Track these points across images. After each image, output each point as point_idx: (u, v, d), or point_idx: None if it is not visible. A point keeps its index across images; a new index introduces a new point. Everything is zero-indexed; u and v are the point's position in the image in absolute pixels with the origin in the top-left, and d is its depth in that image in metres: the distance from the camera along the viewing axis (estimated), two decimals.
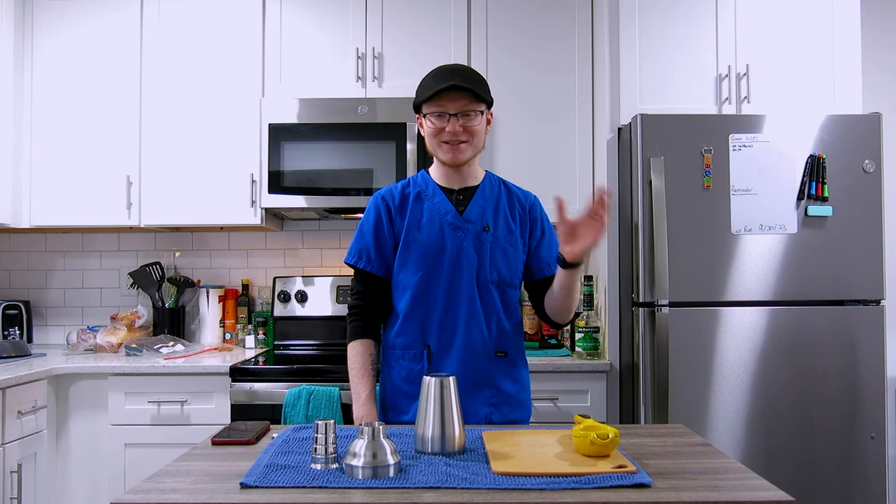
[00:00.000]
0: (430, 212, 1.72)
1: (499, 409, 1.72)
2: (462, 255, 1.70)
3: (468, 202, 1.74)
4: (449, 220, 1.72)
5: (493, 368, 1.72)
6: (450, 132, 1.65)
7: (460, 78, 1.65)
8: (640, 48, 2.64)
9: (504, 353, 1.74)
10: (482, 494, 1.14)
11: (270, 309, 3.15)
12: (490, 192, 1.77)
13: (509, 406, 1.73)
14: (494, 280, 1.72)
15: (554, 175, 2.87)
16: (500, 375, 1.73)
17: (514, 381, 1.76)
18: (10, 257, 3.29)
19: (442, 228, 1.71)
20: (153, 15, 2.93)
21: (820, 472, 2.40)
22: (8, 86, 2.87)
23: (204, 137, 2.91)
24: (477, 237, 1.72)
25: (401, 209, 1.74)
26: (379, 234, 1.75)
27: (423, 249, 1.70)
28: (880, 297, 2.44)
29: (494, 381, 1.72)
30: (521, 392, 1.77)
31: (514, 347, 1.77)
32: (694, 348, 2.41)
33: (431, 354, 1.71)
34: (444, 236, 1.70)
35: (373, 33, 2.90)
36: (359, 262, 1.76)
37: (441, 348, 1.71)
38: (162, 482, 1.22)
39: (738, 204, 2.43)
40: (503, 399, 1.73)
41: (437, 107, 1.65)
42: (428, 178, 1.78)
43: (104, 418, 2.56)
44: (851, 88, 2.63)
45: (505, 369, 1.74)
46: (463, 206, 1.74)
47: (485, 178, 1.79)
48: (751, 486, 1.19)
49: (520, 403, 1.76)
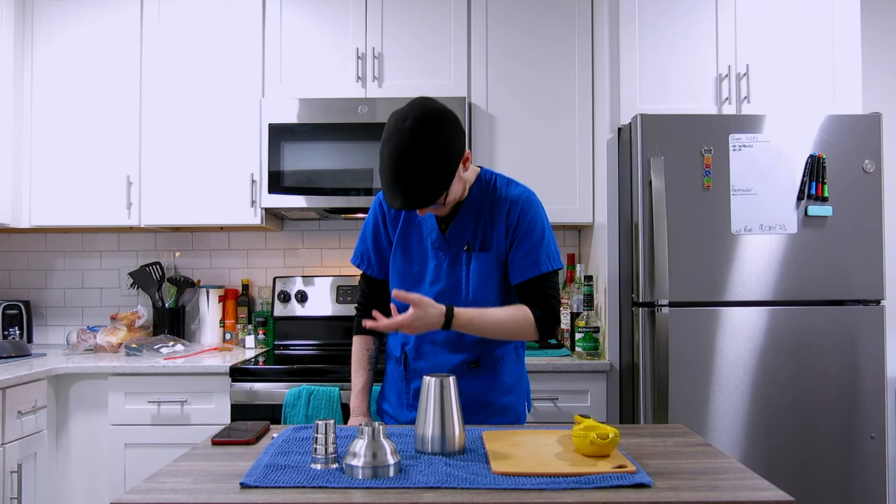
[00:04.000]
0: (417, 228, 1.75)
1: (476, 416, 1.71)
2: (441, 276, 1.72)
3: (452, 219, 1.71)
4: (433, 238, 1.73)
5: (465, 380, 1.67)
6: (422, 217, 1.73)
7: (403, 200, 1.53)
8: (640, 48, 2.64)
9: (476, 363, 1.72)
10: (482, 494, 1.14)
11: (270, 309, 3.15)
12: (477, 205, 1.71)
13: (486, 412, 1.72)
14: (469, 301, 1.69)
15: (554, 175, 2.87)
16: (472, 386, 1.70)
17: (491, 388, 1.73)
18: (10, 257, 3.29)
19: (425, 247, 1.74)
20: (153, 15, 2.93)
21: (820, 472, 2.40)
22: (8, 86, 2.87)
23: (204, 137, 2.91)
24: (456, 258, 1.71)
25: (394, 218, 1.77)
26: (377, 239, 1.81)
27: (406, 265, 1.75)
28: (880, 297, 2.44)
29: (467, 391, 1.67)
30: (501, 398, 1.74)
31: (493, 355, 1.74)
32: (694, 348, 2.41)
33: (408, 362, 1.76)
34: (427, 256, 1.73)
35: (373, 33, 2.90)
36: (360, 264, 1.83)
37: (415, 356, 1.75)
38: (162, 482, 1.22)
39: (738, 204, 2.43)
40: (480, 406, 1.72)
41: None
42: None
43: (104, 418, 2.56)
44: (851, 88, 2.63)
45: (480, 379, 1.72)
46: (447, 223, 1.72)
47: (473, 188, 1.72)
48: (751, 486, 1.19)
49: (501, 409, 1.74)
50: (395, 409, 1.80)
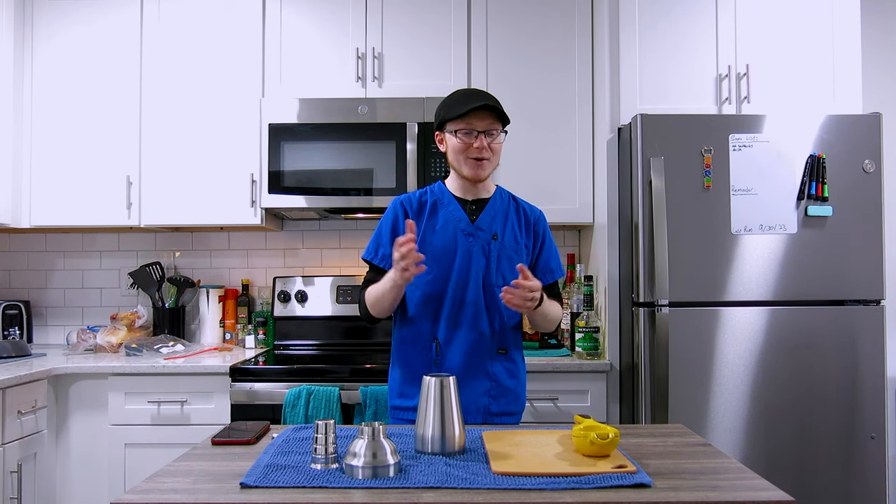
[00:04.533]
0: (444, 218, 1.87)
1: (497, 401, 1.86)
2: (472, 258, 1.85)
3: (480, 212, 1.89)
4: (462, 226, 1.86)
5: (495, 363, 1.86)
6: (477, 148, 1.80)
7: (487, 98, 1.79)
8: (640, 48, 2.64)
9: (505, 350, 1.88)
10: (482, 494, 1.14)
11: (270, 309, 3.15)
12: (500, 204, 1.91)
13: (506, 398, 1.87)
14: (499, 283, 1.83)
15: (554, 175, 2.87)
16: (499, 370, 1.87)
17: (511, 376, 1.89)
18: (10, 257, 3.29)
19: (455, 234, 1.85)
20: (153, 15, 2.93)
21: (820, 472, 2.40)
22: (8, 86, 2.87)
23: (204, 137, 2.91)
24: (486, 244, 1.86)
25: (417, 214, 1.89)
26: (395, 235, 1.86)
27: (436, 252, 1.84)
28: (880, 297, 2.44)
29: (495, 375, 1.86)
30: (517, 387, 1.91)
31: (514, 345, 1.92)
32: (694, 348, 2.41)
33: (440, 347, 1.84)
34: (457, 241, 1.85)
35: (373, 33, 2.90)
36: (374, 258, 1.89)
37: (448, 342, 1.84)
38: (162, 482, 1.22)
39: (738, 204, 2.43)
40: (501, 392, 1.87)
41: (465, 124, 1.79)
42: (444, 188, 1.92)
43: (104, 418, 2.56)
44: (851, 88, 2.63)
45: (505, 365, 1.88)
46: (475, 215, 1.88)
47: (496, 192, 1.94)
48: (751, 486, 1.20)
49: (516, 397, 1.90)
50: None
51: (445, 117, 1.82)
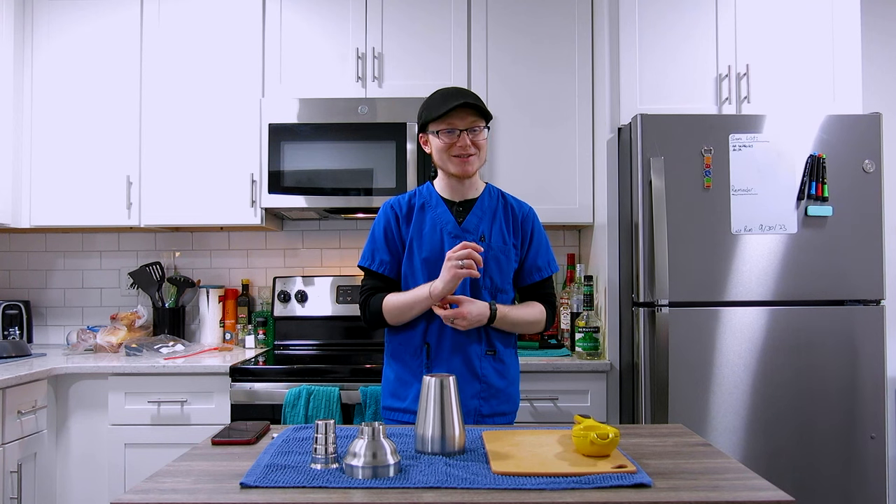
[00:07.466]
0: (432, 221, 1.87)
1: (487, 402, 1.85)
2: None
3: (467, 213, 1.89)
4: (449, 229, 1.86)
5: (484, 365, 1.85)
6: (460, 146, 1.80)
7: (467, 96, 1.80)
8: (640, 48, 2.64)
9: (493, 351, 1.87)
10: (482, 494, 1.14)
11: (270, 309, 3.15)
12: (488, 204, 1.91)
13: (497, 399, 1.87)
14: (487, 286, 1.85)
15: (554, 175, 2.87)
16: (489, 372, 1.86)
17: (501, 376, 1.88)
18: (10, 257, 3.29)
19: (442, 237, 1.85)
20: (153, 15, 2.93)
21: (820, 472, 2.40)
22: (8, 86, 2.87)
23: (204, 137, 2.91)
24: None
25: (407, 217, 1.89)
26: (389, 240, 1.89)
27: (424, 255, 1.84)
28: (880, 297, 2.44)
29: (484, 376, 1.85)
30: (508, 387, 1.90)
31: (503, 346, 1.90)
32: (694, 348, 2.41)
33: (431, 350, 1.84)
34: (444, 245, 1.83)
35: (373, 33, 2.90)
36: (371, 264, 1.90)
37: (437, 345, 1.84)
38: (162, 482, 1.22)
39: (738, 204, 2.43)
40: (492, 393, 1.86)
41: (446, 124, 1.80)
42: (432, 189, 1.93)
43: (104, 418, 2.56)
44: (851, 88, 2.63)
45: (494, 366, 1.87)
46: (462, 216, 1.89)
47: (484, 191, 1.93)
48: (751, 486, 1.20)
49: (507, 397, 1.89)
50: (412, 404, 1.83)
51: (427, 119, 1.83)
